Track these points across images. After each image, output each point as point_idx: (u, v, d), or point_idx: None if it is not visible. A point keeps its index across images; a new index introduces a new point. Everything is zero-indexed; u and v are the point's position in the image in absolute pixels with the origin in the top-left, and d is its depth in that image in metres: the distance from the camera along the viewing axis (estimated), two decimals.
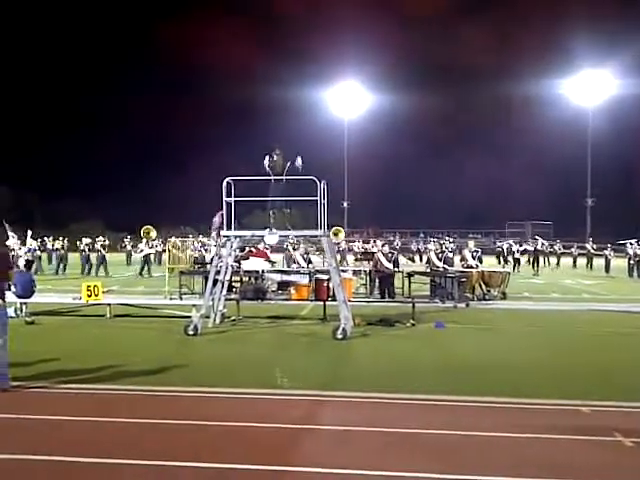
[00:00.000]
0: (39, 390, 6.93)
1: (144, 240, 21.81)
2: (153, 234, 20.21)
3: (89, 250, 26.76)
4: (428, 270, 17.95)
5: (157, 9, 77.20)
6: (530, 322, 12.75)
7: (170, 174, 64.52)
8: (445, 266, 16.67)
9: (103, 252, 27.21)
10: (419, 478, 4.60)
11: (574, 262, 34.62)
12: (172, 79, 71.61)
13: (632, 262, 27.76)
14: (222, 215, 11.30)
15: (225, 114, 66.91)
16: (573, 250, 35.79)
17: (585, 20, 58.00)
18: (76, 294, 13.61)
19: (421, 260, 26.38)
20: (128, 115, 66.01)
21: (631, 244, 30.21)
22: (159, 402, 6.58)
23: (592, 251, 33.40)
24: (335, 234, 20.56)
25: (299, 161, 11.00)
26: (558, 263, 34.12)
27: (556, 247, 35.03)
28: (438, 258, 17.18)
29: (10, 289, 7.27)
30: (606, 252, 30.70)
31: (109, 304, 12.95)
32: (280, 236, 11.78)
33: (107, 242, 29.31)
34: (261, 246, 18.29)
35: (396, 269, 16.60)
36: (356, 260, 19.80)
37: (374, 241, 21.81)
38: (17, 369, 7.37)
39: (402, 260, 17.69)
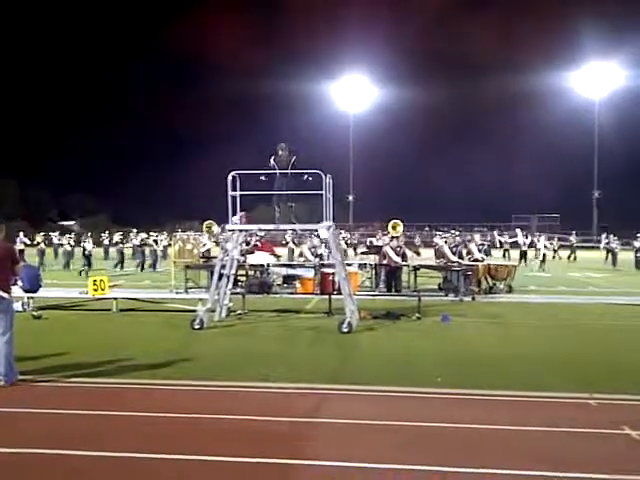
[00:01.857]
0: (46, 384, 6.96)
1: (206, 235, 21.64)
2: (215, 229, 19.99)
3: (143, 245, 26.55)
4: (436, 264, 17.86)
5: (164, 7, 77.19)
6: (537, 315, 12.70)
7: (175, 169, 64.79)
8: (460, 260, 16.57)
9: (155, 247, 26.89)
10: (428, 471, 4.58)
11: (554, 254, 33.95)
12: (177, 75, 71.84)
13: (638, 255, 27.63)
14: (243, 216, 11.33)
15: (230, 109, 67.10)
16: (554, 242, 35.21)
17: (592, 12, 57.61)
18: (82, 288, 13.65)
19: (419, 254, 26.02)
20: (133, 111, 66.13)
21: (607, 238, 30.47)
22: (165, 396, 6.58)
23: (575, 244, 33.07)
24: (393, 227, 20.12)
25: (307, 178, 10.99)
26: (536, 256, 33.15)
27: (535, 240, 33.98)
28: (452, 252, 17.08)
29: (17, 283, 7.26)
30: (613, 245, 30.53)
31: (115, 298, 12.99)
32: (285, 230, 11.76)
33: (159, 237, 28.86)
34: (308, 244, 18.09)
35: (404, 262, 16.57)
36: (362, 253, 19.69)
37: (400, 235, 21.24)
38: (24, 363, 7.39)
39: (408, 253, 17.60)
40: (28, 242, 28.47)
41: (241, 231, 11.87)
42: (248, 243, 16.86)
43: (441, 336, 10.19)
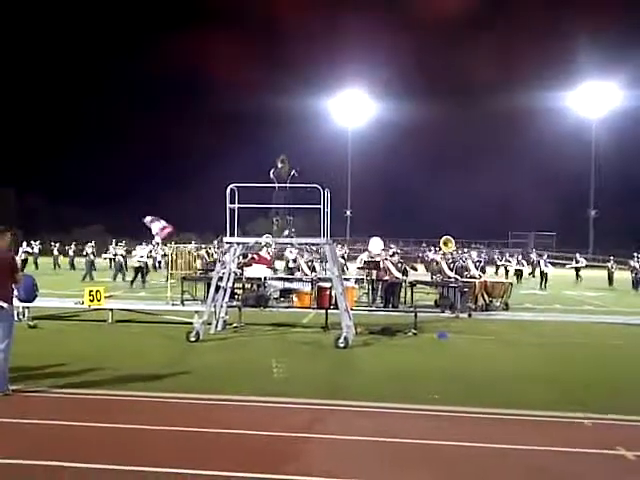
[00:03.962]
0: (39, 394, 6.92)
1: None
2: (451, 245, 19.51)
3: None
4: (434, 279, 17.88)
5: (161, 21, 77.72)
6: (533, 333, 12.70)
7: (173, 182, 64.87)
8: (457, 276, 16.59)
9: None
10: None
11: (506, 273, 32.34)
12: (176, 89, 72.04)
13: (634, 275, 27.69)
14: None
15: (228, 124, 67.13)
16: (508, 261, 33.67)
17: (589, 32, 58.17)
18: (78, 298, 13.62)
19: (427, 269, 26.13)
20: (132, 122, 66.33)
21: (577, 261, 30.74)
22: (159, 408, 6.55)
23: (535, 260, 32.79)
24: (445, 244, 19.60)
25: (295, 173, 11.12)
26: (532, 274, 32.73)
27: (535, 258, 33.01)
28: (450, 268, 17.12)
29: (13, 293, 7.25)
30: (608, 264, 30.63)
31: (111, 309, 12.95)
32: (282, 244, 11.82)
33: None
34: (305, 258, 17.79)
35: (404, 278, 16.58)
36: (360, 268, 19.62)
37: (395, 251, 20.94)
38: (18, 373, 7.36)
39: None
40: (31, 250, 28.46)
41: (239, 244, 11.88)
42: (245, 256, 16.86)
43: (437, 353, 10.18)
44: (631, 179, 57.33)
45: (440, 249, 21.54)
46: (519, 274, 30.21)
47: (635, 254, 28.22)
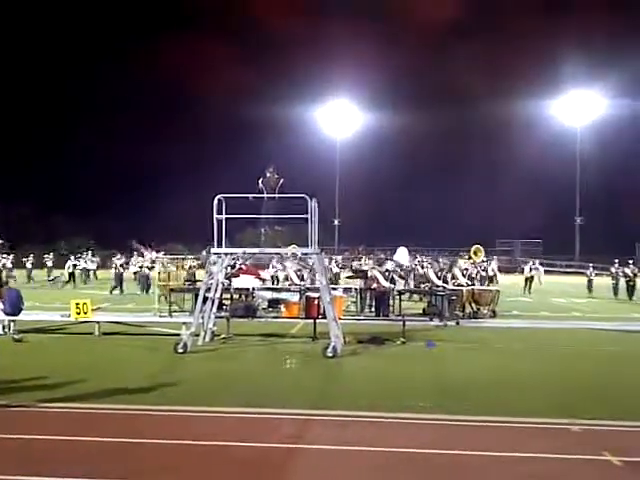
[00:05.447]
0: (24, 409, 6.84)
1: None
2: (481, 254, 18.99)
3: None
4: (422, 288, 17.93)
5: (148, 28, 77.54)
6: (520, 340, 12.75)
7: (160, 192, 64.47)
8: (444, 285, 16.65)
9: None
10: None
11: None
12: (164, 98, 71.78)
13: (626, 281, 27.72)
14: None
15: (216, 133, 67.11)
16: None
17: (573, 41, 58.92)
18: (65, 311, 13.51)
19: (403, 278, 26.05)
20: (120, 132, 66.12)
21: (534, 263, 31.10)
22: (146, 421, 6.51)
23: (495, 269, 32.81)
24: (475, 253, 19.34)
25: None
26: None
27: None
28: (437, 277, 17.19)
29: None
30: (587, 272, 30.73)
31: (98, 322, 12.85)
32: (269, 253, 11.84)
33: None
34: (294, 267, 17.74)
35: (393, 286, 16.61)
36: (348, 277, 19.65)
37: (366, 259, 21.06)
38: (2, 387, 7.28)
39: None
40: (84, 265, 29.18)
41: (227, 254, 11.86)
42: (233, 266, 16.82)
43: (425, 361, 10.20)
44: (616, 186, 57.94)
45: (426, 260, 21.48)
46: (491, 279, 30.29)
47: (616, 261, 28.29)
